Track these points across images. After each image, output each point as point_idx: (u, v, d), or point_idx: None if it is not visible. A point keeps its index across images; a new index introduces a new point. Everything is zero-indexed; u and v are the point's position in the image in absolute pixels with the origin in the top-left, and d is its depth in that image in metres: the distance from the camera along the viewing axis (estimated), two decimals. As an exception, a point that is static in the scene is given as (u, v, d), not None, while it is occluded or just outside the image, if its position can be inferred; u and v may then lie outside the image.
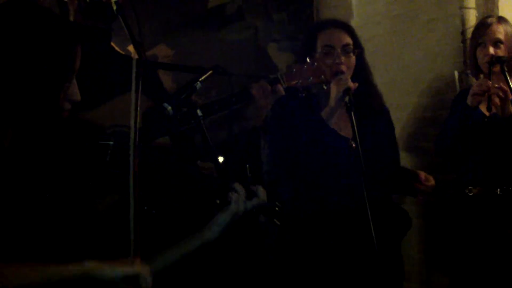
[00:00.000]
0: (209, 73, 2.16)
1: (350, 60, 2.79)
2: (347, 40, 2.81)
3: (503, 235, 3.15)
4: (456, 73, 3.95)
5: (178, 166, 2.04)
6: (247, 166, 2.20)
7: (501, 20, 3.32)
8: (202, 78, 2.12)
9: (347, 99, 2.55)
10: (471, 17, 3.92)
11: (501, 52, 3.22)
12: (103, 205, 1.83)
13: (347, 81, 2.63)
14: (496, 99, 3.05)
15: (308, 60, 2.52)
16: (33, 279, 1.51)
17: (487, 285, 3.19)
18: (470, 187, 3.26)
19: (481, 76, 3.32)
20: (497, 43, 3.24)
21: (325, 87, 2.62)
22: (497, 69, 3.17)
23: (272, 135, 2.80)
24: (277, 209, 1.95)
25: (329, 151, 2.72)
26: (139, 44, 2.18)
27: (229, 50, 4.73)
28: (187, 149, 2.30)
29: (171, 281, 1.89)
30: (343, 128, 2.75)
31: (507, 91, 3.08)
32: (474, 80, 3.44)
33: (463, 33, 3.92)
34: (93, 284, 1.57)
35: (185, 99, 2.06)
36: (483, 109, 3.17)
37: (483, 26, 3.32)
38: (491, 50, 3.22)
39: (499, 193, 3.18)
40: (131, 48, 2.54)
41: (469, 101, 3.16)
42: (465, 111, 3.19)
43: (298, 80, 2.48)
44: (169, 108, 2.01)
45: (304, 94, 2.55)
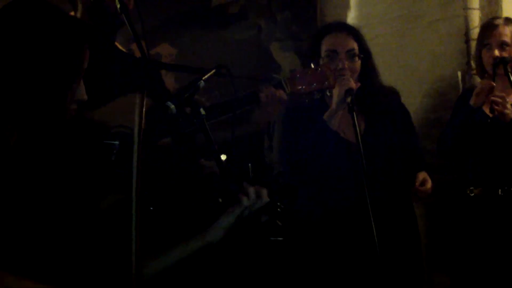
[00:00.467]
0: (212, 72, 2.15)
1: (354, 64, 2.78)
2: (351, 45, 2.79)
3: (504, 235, 3.16)
4: (459, 73, 3.94)
5: (180, 166, 2.04)
6: (249, 165, 2.20)
7: (508, 21, 3.31)
8: (205, 77, 2.12)
9: (349, 99, 2.55)
10: (475, 18, 3.92)
11: (506, 54, 3.22)
12: (106, 203, 1.83)
13: (349, 81, 2.62)
14: (494, 106, 3.06)
15: (312, 66, 2.52)
16: None
17: (488, 285, 3.19)
18: (472, 188, 3.26)
19: (486, 77, 3.31)
20: (503, 45, 3.23)
21: (328, 93, 2.62)
22: (501, 71, 3.17)
23: (283, 140, 2.80)
24: (279, 210, 1.94)
25: (331, 154, 2.72)
26: (142, 43, 2.19)
27: (232, 49, 4.73)
28: (188, 148, 2.30)
29: (173, 282, 1.89)
30: (346, 130, 2.74)
31: (506, 99, 3.07)
32: (479, 81, 3.44)
33: (466, 34, 3.92)
34: None
35: (188, 98, 2.06)
36: (487, 110, 3.17)
37: (489, 27, 3.31)
38: (497, 52, 3.21)
39: (500, 193, 3.18)
40: (134, 47, 2.55)
41: (472, 101, 3.17)
42: (468, 112, 3.19)
43: (302, 86, 2.46)
44: (172, 106, 2.00)
45: (307, 100, 2.55)
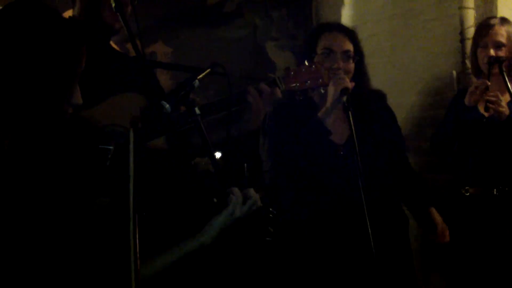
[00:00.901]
0: (207, 71, 2.14)
1: (349, 65, 2.78)
2: (348, 46, 2.79)
3: (500, 234, 3.16)
4: (454, 72, 3.95)
5: (174, 167, 2.03)
6: (245, 165, 2.19)
7: (503, 21, 3.31)
8: (200, 76, 2.11)
9: (344, 99, 2.54)
10: (470, 17, 3.92)
11: (502, 53, 3.22)
12: (98, 206, 1.82)
13: (344, 80, 2.61)
14: (488, 104, 3.06)
15: (306, 63, 2.51)
16: None
17: (484, 284, 3.19)
18: (467, 187, 3.26)
19: (481, 76, 3.32)
20: (498, 45, 3.23)
21: (322, 91, 2.61)
22: (496, 70, 3.17)
23: (271, 137, 2.79)
24: (271, 216, 1.94)
25: (323, 153, 2.72)
26: (137, 42, 2.18)
27: (227, 47, 4.73)
28: (183, 148, 2.29)
29: (168, 283, 1.88)
30: (338, 130, 2.74)
31: (500, 97, 3.08)
32: (475, 80, 3.44)
33: (461, 33, 3.92)
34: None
35: (183, 97, 2.05)
36: (482, 109, 3.18)
37: (485, 27, 3.30)
38: (492, 52, 3.21)
39: (495, 193, 3.18)
40: (129, 46, 2.54)
41: (466, 100, 3.18)
42: (463, 110, 3.20)
43: (296, 83, 2.46)
44: (167, 106, 1.99)
45: (301, 98, 2.54)
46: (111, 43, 2.54)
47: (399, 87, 4.26)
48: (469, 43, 3.64)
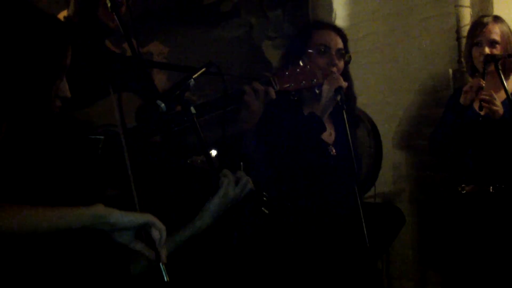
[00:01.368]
0: (202, 70, 2.15)
1: (341, 64, 2.80)
2: (340, 45, 2.81)
3: (496, 232, 3.16)
4: (450, 71, 3.96)
5: (171, 162, 2.03)
6: (241, 163, 2.19)
7: (497, 19, 3.31)
8: (196, 76, 2.11)
9: (338, 98, 2.55)
10: (466, 16, 3.93)
11: (497, 51, 3.22)
12: (99, 199, 1.82)
13: (339, 79, 2.62)
14: (482, 103, 3.07)
15: (301, 63, 2.51)
16: (43, 219, 1.44)
17: (481, 282, 3.20)
18: (463, 185, 3.27)
19: (476, 75, 3.32)
20: (493, 43, 3.24)
21: (317, 91, 2.61)
22: (492, 68, 3.17)
23: (261, 135, 2.78)
24: (265, 198, 1.95)
25: (316, 152, 2.72)
26: (133, 41, 2.18)
27: (223, 47, 4.73)
28: (177, 146, 2.30)
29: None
30: (327, 130, 2.74)
31: (494, 96, 3.08)
32: (470, 79, 3.45)
33: (457, 31, 3.93)
34: (103, 231, 1.50)
35: (178, 96, 2.05)
36: (478, 107, 3.18)
37: (479, 25, 3.30)
38: (487, 50, 3.21)
39: (491, 191, 3.19)
40: (126, 45, 2.54)
41: (461, 99, 3.18)
42: (459, 109, 3.20)
43: (291, 84, 2.46)
44: (162, 105, 1.99)
45: (296, 98, 2.54)
46: (106, 43, 2.54)
47: (395, 85, 4.27)
48: (465, 42, 3.65)
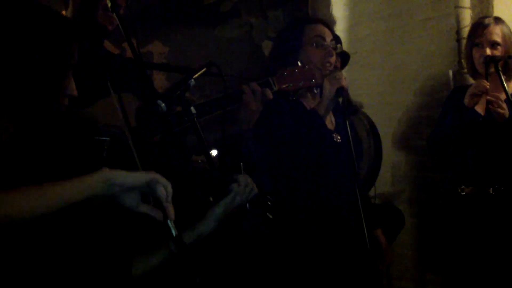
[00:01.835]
0: (203, 70, 2.15)
1: (334, 57, 2.79)
2: (331, 37, 2.80)
3: (495, 233, 3.16)
4: (450, 72, 3.96)
5: (173, 162, 2.04)
6: (241, 164, 2.19)
7: (498, 21, 3.31)
8: (196, 76, 2.11)
9: (340, 99, 2.54)
10: (466, 17, 3.93)
11: (498, 53, 3.21)
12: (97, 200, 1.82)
13: (340, 80, 2.60)
14: (490, 105, 3.07)
15: (299, 63, 2.51)
16: (51, 195, 1.43)
17: (480, 283, 3.20)
18: (463, 186, 3.26)
19: (481, 78, 3.31)
20: (494, 44, 3.24)
21: (315, 91, 2.60)
22: (492, 69, 3.17)
23: (260, 133, 2.78)
24: (269, 203, 1.94)
25: (323, 146, 2.71)
26: (133, 41, 2.18)
27: (224, 47, 4.73)
28: (178, 144, 2.30)
29: (167, 274, 1.88)
30: (328, 119, 2.74)
31: (500, 99, 3.08)
32: (471, 80, 3.44)
33: (457, 32, 3.93)
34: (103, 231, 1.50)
35: (178, 96, 2.05)
36: (479, 109, 3.17)
37: (480, 26, 3.30)
38: (488, 51, 3.21)
39: (491, 192, 3.18)
40: (126, 46, 2.54)
41: (466, 101, 3.16)
42: (461, 111, 3.19)
43: (289, 84, 2.46)
44: (162, 105, 2.00)
45: (295, 98, 2.53)
46: (105, 44, 2.54)
47: (395, 86, 4.27)
48: (465, 43, 3.64)
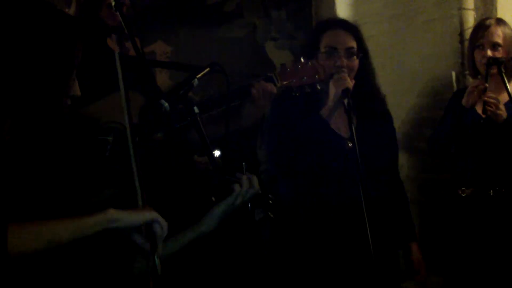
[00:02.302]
0: (206, 70, 2.15)
1: (353, 63, 2.76)
2: (351, 43, 2.77)
3: (496, 235, 3.16)
4: (453, 73, 3.95)
5: (174, 160, 2.04)
6: (243, 163, 2.19)
7: (500, 22, 3.32)
8: (199, 75, 2.12)
9: (346, 101, 2.54)
10: (470, 18, 3.93)
11: (499, 54, 3.22)
12: (101, 198, 1.83)
13: (345, 81, 2.60)
14: (487, 106, 3.07)
15: (302, 60, 2.51)
16: (62, 233, 1.45)
17: (481, 284, 3.20)
18: (463, 188, 3.26)
19: (479, 77, 3.32)
20: (495, 45, 3.24)
21: (319, 87, 2.61)
22: (494, 71, 3.17)
23: (270, 133, 2.79)
24: (271, 202, 1.93)
25: (327, 150, 2.71)
26: (137, 40, 2.18)
27: (227, 47, 4.73)
28: (181, 144, 2.30)
29: (167, 274, 1.88)
30: (341, 128, 2.74)
31: (498, 99, 3.08)
32: (472, 80, 3.44)
33: (461, 34, 3.93)
34: (111, 234, 1.51)
35: (182, 96, 2.06)
36: (479, 110, 3.18)
37: (481, 28, 3.31)
38: (489, 53, 3.21)
39: (491, 194, 3.19)
40: (129, 45, 2.55)
41: (464, 101, 3.18)
42: (460, 111, 3.20)
43: (292, 79, 2.46)
44: (165, 104, 2.00)
45: (298, 94, 2.53)
46: (108, 42, 2.55)
47: (398, 87, 4.26)
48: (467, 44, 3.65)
